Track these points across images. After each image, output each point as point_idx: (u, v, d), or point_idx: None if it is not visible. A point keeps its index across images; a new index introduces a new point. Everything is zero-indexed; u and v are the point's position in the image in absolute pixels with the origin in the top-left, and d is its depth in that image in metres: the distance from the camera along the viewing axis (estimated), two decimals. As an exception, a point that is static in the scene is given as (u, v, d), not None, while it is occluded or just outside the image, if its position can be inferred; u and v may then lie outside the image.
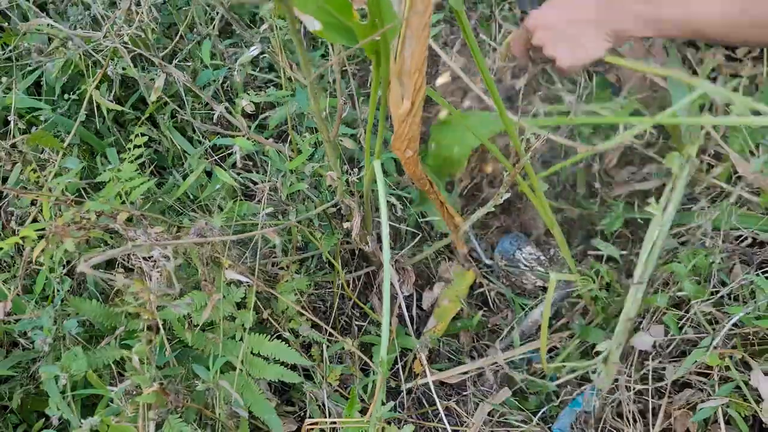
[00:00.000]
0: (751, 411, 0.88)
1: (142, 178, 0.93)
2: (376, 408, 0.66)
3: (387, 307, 0.68)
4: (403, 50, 0.61)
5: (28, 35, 1.13)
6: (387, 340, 0.69)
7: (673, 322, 0.97)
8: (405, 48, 0.60)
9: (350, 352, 1.05)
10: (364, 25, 0.55)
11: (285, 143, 1.01)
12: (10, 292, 0.87)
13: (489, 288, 1.21)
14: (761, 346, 0.90)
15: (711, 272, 0.96)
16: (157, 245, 0.62)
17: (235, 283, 0.90)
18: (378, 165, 0.73)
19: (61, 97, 1.15)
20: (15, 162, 0.99)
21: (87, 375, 0.84)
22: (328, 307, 1.13)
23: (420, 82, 0.63)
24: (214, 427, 0.88)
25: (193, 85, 0.92)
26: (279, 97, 0.98)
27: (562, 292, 1.18)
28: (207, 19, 1.23)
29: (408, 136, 0.69)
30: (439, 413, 1.08)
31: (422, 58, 0.61)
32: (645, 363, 0.99)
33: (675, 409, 0.96)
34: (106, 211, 0.78)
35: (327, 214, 1.01)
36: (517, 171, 0.76)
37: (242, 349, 0.89)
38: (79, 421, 0.79)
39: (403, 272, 1.14)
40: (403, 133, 0.69)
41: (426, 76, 0.65)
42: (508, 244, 1.21)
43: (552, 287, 0.91)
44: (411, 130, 0.68)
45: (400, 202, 1.16)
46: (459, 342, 1.17)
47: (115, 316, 0.91)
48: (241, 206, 0.93)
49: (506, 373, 1.09)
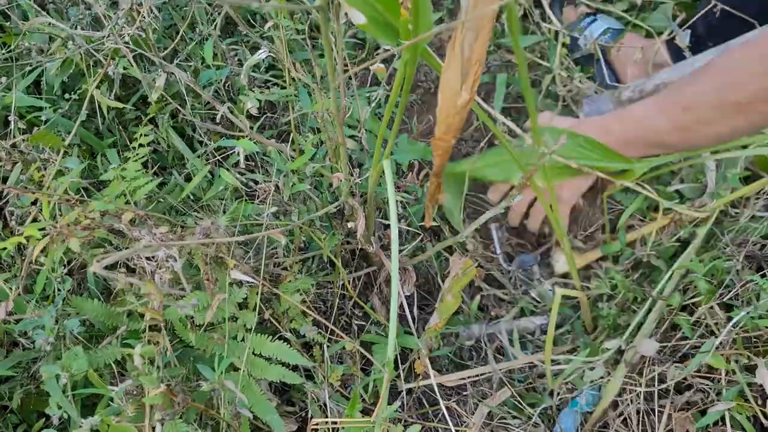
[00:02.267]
0: (751, 412, 0.88)
1: (146, 177, 0.93)
2: (382, 408, 0.66)
3: (394, 308, 0.68)
4: (464, 41, 0.60)
5: (29, 35, 1.12)
6: (393, 340, 0.69)
7: (686, 324, 0.97)
8: (466, 38, 0.59)
9: (351, 352, 1.05)
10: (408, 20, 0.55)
11: (287, 143, 1.01)
12: (12, 291, 0.87)
13: (488, 291, 1.22)
14: (765, 347, 0.91)
15: (726, 277, 0.97)
16: (165, 245, 0.62)
17: (237, 284, 0.90)
18: (388, 165, 0.73)
19: (62, 97, 1.14)
20: (15, 162, 0.99)
21: (88, 374, 0.84)
22: (328, 307, 1.13)
23: (478, 74, 0.63)
24: (215, 428, 0.88)
25: (196, 84, 0.92)
26: (282, 96, 0.98)
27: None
28: (208, 18, 1.23)
29: (458, 127, 0.69)
30: (440, 413, 1.08)
31: (484, 50, 0.61)
32: (652, 368, 1.00)
33: (677, 411, 0.96)
34: (110, 210, 0.78)
35: (328, 214, 1.01)
36: (530, 174, 0.76)
37: (244, 350, 0.89)
38: (79, 420, 0.79)
39: (403, 272, 1.14)
40: (455, 123, 0.69)
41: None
42: (531, 258, 1.23)
43: (557, 303, 0.91)
44: (461, 121, 0.69)
45: (401, 203, 1.16)
46: (459, 342, 1.17)
47: (117, 316, 0.91)
48: (246, 207, 0.93)
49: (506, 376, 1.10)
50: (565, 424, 1.00)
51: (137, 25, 0.99)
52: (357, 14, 0.55)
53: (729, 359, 0.89)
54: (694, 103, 0.86)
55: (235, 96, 1.24)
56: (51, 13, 1.19)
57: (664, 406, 0.97)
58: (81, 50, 1.03)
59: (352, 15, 0.55)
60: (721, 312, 0.95)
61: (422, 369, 1.07)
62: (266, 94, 0.93)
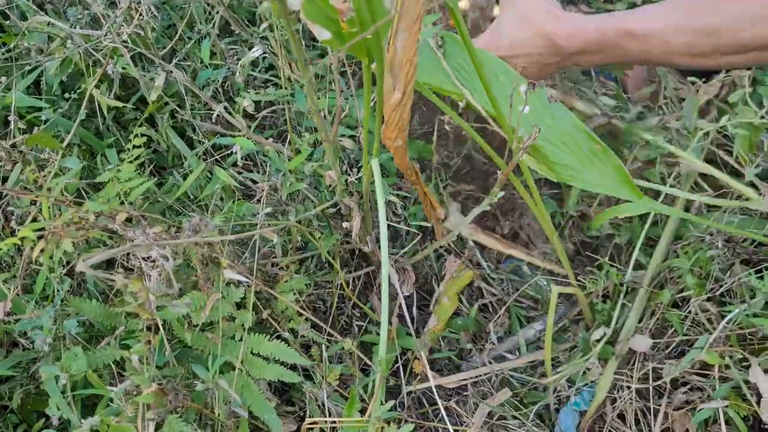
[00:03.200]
0: (751, 411, 0.88)
1: (141, 178, 0.93)
2: (375, 408, 0.66)
3: (385, 306, 0.68)
4: (395, 42, 0.62)
5: (28, 34, 1.13)
6: (386, 340, 0.69)
7: (677, 320, 0.97)
8: (397, 40, 0.61)
9: (350, 352, 1.05)
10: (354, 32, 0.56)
11: (284, 143, 1.01)
12: (10, 292, 0.88)
13: (487, 291, 1.21)
14: (760, 345, 0.90)
15: (712, 269, 0.96)
16: (156, 245, 0.62)
17: (234, 283, 0.90)
18: (376, 164, 0.73)
19: (62, 96, 1.15)
20: (15, 162, 0.99)
21: (87, 375, 0.84)
22: (327, 307, 1.13)
23: (411, 73, 0.65)
24: (214, 427, 0.88)
25: (193, 84, 0.92)
26: (278, 96, 0.98)
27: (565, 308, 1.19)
28: (207, 17, 1.23)
29: (398, 126, 0.70)
30: (440, 413, 1.08)
31: (413, 50, 0.63)
32: (645, 363, 0.99)
33: (674, 409, 0.96)
34: (105, 211, 0.78)
35: (326, 214, 1.01)
36: (509, 169, 0.76)
37: (242, 349, 0.89)
38: (79, 420, 0.79)
39: (403, 272, 1.14)
40: (394, 122, 0.70)
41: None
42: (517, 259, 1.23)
43: (554, 299, 0.91)
44: (401, 120, 0.69)
45: (400, 202, 1.16)
46: (459, 343, 1.17)
47: (115, 316, 0.91)
48: (240, 206, 0.93)
49: (506, 377, 1.10)
50: (565, 423, 1.00)
51: (136, 23, 0.99)
52: (321, 31, 0.55)
53: (723, 355, 0.89)
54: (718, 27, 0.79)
55: (235, 96, 1.24)
56: (49, 14, 1.19)
57: (660, 404, 0.97)
58: (80, 50, 1.03)
59: (317, 32, 0.55)
60: (713, 307, 0.94)
61: (421, 369, 1.07)
62: (262, 93, 0.93)
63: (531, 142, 0.70)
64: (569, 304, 1.19)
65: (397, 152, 0.76)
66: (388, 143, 0.74)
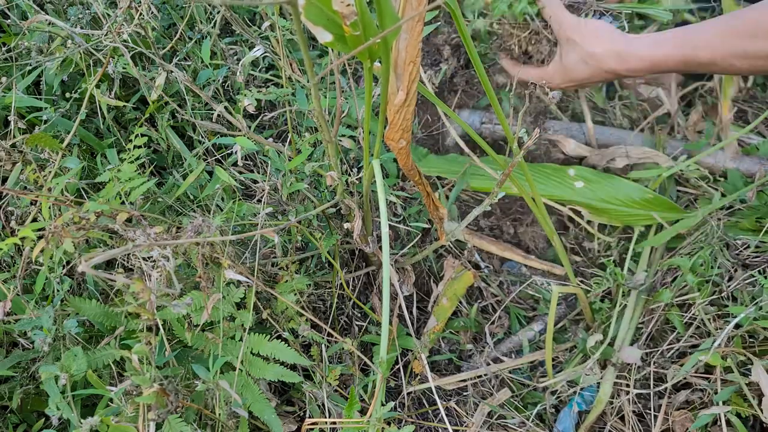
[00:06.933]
0: (751, 411, 0.87)
1: (141, 178, 0.93)
2: (376, 408, 0.66)
3: (386, 307, 0.68)
4: (398, 43, 0.61)
5: (28, 34, 1.12)
6: (387, 340, 0.69)
7: (679, 320, 0.97)
8: (400, 41, 0.61)
9: (350, 352, 1.05)
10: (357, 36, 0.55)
11: (284, 143, 1.01)
12: (10, 291, 0.87)
13: (487, 291, 1.21)
14: (761, 347, 0.90)
15: (712, 269, 0.96)
16: (156, 245, 0.62)
17: (235, 284, 0.90)
18: (377, 164, 0.73)
19: (62, 96, 1.14)
20: (15, 162, 0.99)
21: (87, 375, 0.84)
22: (328, 307, 1.13)
23: (414, 74, 0.65)
24: (214, 427, 0.88)
25: (193, 84, 0.91)
26: (279, 95, 0.98)
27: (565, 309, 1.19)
28: (207, 17, 1.23)
29: (402, 127, 0.70)
30: (440, 413, 1.08)
31: (416, 50, 0.63)
32: (645, 367, 0.99)
33: (675, 410, 0.95)
34: (105, 211, 0.78)
35: (326, 214, 1.01)
36: (510, 170, 0.76)
37: (242, 349, 0.89)
38: (79, 421, 0.79)
39: (403, 272, 1.14)
40: (397, 124, 0.70)
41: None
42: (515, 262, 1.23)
43: (555, 299, 0.91)
44: (405, 121, 0.70)
45: (400, 202, 1.16)
46: (459, 343, 1.17)
47: (115, 316, 0.91)
48: (240, 206, 0.93)
49: (506, 378, 1.10)
50: (564, 424, 1.00)
51: (136, 22, 0.99)
52: (322, 33, 0.55)
53: (726, 357, 0.89)
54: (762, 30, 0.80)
55: (235, 95, 1.24)
56: (50, 13, 1.19)
57: (660, 405, 0.97)
58: (80, 49, 1.03)
59: (318, 34, 0.55)
60: (714, 308, 0.94)
61: (420, 369, 1.07)
62: (263, 93, 0.93)
63: (531, 142, 0.70)
64: (567, 305, 1.19)
65: (400, 153, 0.75)
66: (391, 144, 0.73)
